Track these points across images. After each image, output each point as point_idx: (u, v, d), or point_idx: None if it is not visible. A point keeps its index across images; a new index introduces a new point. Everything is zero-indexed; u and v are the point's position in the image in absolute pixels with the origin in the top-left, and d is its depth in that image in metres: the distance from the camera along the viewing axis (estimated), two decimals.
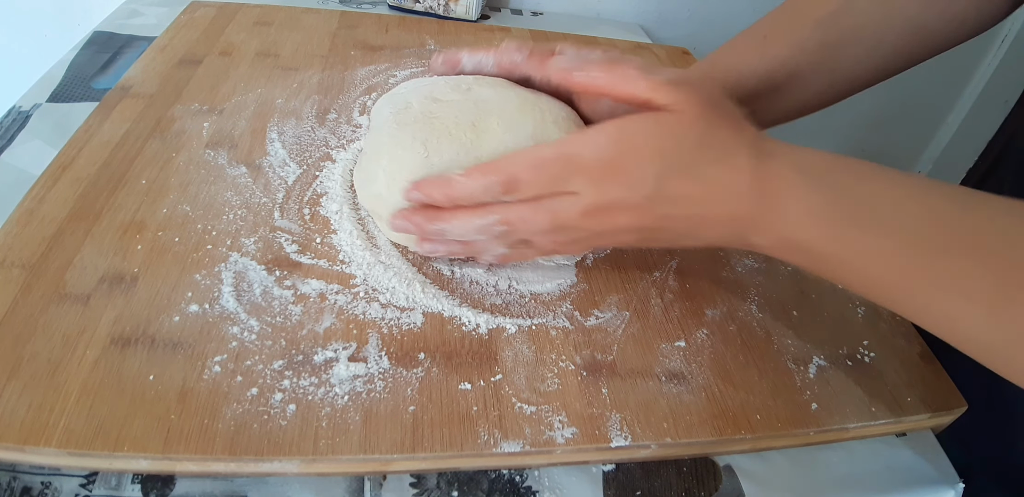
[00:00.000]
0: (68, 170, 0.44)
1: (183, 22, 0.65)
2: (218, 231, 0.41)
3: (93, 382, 0.32)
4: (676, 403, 0.37)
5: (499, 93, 0.41)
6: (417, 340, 0.37)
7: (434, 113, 0.40)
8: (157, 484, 0.31)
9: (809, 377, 0.40)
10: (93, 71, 0.59)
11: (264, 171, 0.47)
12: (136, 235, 0.40)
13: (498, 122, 0.39)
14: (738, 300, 0.44)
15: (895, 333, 0.44)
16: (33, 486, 0.30)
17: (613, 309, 0.41)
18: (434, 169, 0.38)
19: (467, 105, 0.40)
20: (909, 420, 0.39)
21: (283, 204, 0.44)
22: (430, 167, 0.38)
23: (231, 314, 0.36)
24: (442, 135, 0.38)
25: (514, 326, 0.39)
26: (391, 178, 0.39)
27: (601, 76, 0.35)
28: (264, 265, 0.40)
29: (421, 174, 0.38)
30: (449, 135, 0.38)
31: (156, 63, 0.57)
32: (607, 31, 0.85)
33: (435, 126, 0.39)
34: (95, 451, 0.29)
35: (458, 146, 0.38)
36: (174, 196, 0.43)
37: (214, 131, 0.50)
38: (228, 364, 0.34)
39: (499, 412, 0.34)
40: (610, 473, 0.35)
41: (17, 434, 0.29)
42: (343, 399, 0.33)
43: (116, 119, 0.49)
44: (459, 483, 0.34)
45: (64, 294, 0.36)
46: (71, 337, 0.34)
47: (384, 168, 0.39)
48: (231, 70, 0.58)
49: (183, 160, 0.47)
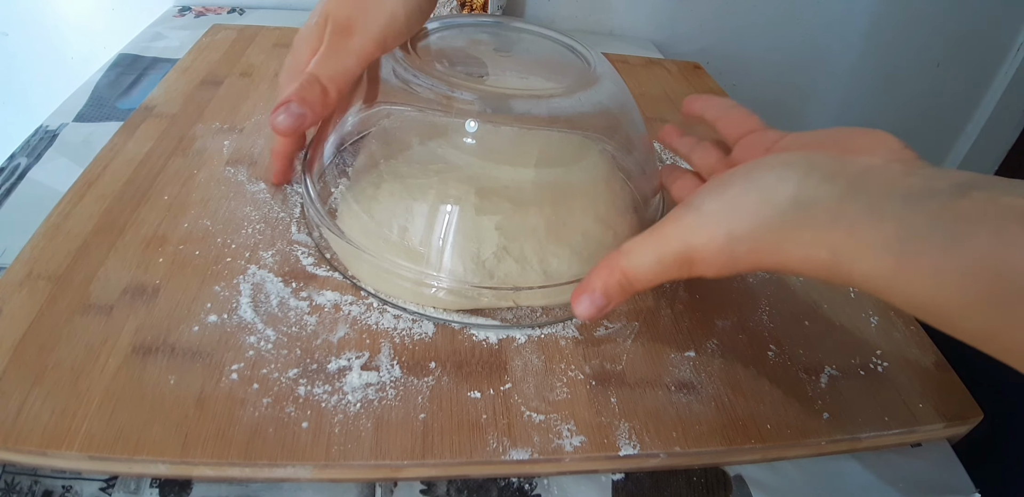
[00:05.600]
0: (93, 186, 0.46)
1: (205, 44, 0.67)
2: (237, 244, 0.43)
3: (114, 389, 0.33)
4: (685, 412, 0.37)
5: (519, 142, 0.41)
6: (428, 349, 0.38)
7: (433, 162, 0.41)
8: (175, 489, 0.32)
9: (821, 387, 0.40)
10: (118, 92, 0.61)
11: (282, 187, 0.48)
12: (158, 248, 0.41)
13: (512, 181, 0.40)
14: (749, 310, 0.44)
15: (909, 342, 0.44)
16: (54, 490, 0.31)
17: (623, 319, 0.42)
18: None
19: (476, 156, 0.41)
20: (923, 430, 0.39)
21: (300, 219, 0.46)
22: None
23: (248, 324, 0.37)
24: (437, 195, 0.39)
25: (524, 336, 0.40)
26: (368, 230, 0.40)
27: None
28: (281, 277, 0.41)
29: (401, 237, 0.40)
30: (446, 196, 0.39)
31: (179, 84, 0.59)
32: (619, 47, 0.86)
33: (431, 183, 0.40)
34: (115, 455, 0.30)
35: (455, 211, 0.39)
36: (195, 211, 0.45)
37: (234, 149, 0.51)
38: (245, 372, 0.35)
39: (508, 420, 0.35)
40: (619, 482, 0.35)
41: (40, 438, 0.30)
42: (355, 407, 0.34)
43: (140, 138, 0.51)
44: (468, 491, 0.34)
45: (88, 305, 0.37)
46: (94, 346, 0.35)
47: (362, 226, 0.41)
48: (251, 90, 0.60)
49: (204, 177, 0.48)
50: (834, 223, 0.25)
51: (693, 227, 0.28)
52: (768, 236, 0.26)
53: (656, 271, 0.30)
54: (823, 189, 0.26)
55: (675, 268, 0.29)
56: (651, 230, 0.30)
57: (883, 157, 0.29)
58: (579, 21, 0.93)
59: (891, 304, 0.25)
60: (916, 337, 0.44)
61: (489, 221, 0.41)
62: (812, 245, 0.25)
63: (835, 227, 0.25)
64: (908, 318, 0.46)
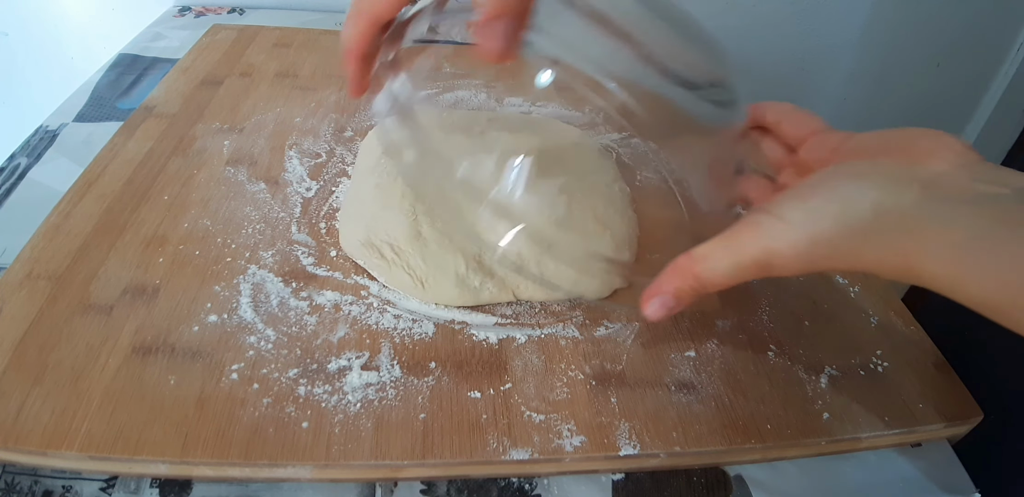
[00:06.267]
0: (93, 186, 0.46)
1: (205, 44, 0.67)
2: (237, 245, 0.43)
3: (115, 389, 0.33)
4: (686, 412, 0.37)
5: (519, 139, 0.39)
6: (428, 349, 0.38)
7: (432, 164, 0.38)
8: (175, 489, 0.32)
9: (821, 387, 0.40)
10: (118, 92, 0.61)
11: (282, 187, 0.48)
12: (158, 248, 0.41)
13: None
14: (749, 310, 0.44)
15: (909, 342, 0.44)
16: (54, 490, 0.31)
17: (623, 319, 0.42)
18: (423, 237, 0.38)
19: (476, 155, 0.39)
20: (923, 430, 0.39)
21: (300, 219, 0.46)
22: (416, 236, 0.38)
23: (249, 324, 0.37)
24: (437, 196, 0.37)
25: (524, 336, 0.40)
26: (371, 234, 0.39)
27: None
28: (281, 277, 0.41)
29: (404, 239, 0.38)
30: (446, 196, 0.37)
31: (179, 84, 0.59)
32: None
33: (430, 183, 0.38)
34: (115, 455, 0.30)
35: (455, 210, 0.37)
36: (195, 211, 0.45)
37: (234, 149, 0.51)
38: (245, 372, 0.35)
39: (508, 420, 0.35)
40: (619, 482, 0.35)
41: (40, 438, 0.30)
42: (355, 407, 0.34)
43: (140, 138, 0.51)
44: (469, 491, 0.34)
45: (88, 305, 0.37)
46: (94, 346, 0.35)
47: (366, 225, 0.40)
48: (251, 90, 0.60)
49: (204, 177, 0.48)
50: (907, 229, 0.27)
51: (774, 234, 0.30)
52: (847, 242, 0.29)
53: (731, 275, 0.31)
54: (897, 198, 0.28)
55: (752, 272, 0.31)
56: (725, 236, 0.31)
57: (950, 161, 0.30)
58: None
59: (962, 303, 0.27)
60: (916, 337, 0.44)
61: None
62: (887, 249, 0.28)
63: (908, 233, 0.27)
64: (908, 318, 0.46)
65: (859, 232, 0.29)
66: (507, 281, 0.41)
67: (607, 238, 0.44)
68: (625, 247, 0.44)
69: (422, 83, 0.38)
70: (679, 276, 0.32)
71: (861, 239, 0.29)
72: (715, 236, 0.32)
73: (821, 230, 0.29)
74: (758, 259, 0.30)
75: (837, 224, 0.29)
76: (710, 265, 0.31)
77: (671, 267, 0.33)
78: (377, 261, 0.41)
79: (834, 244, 0.29)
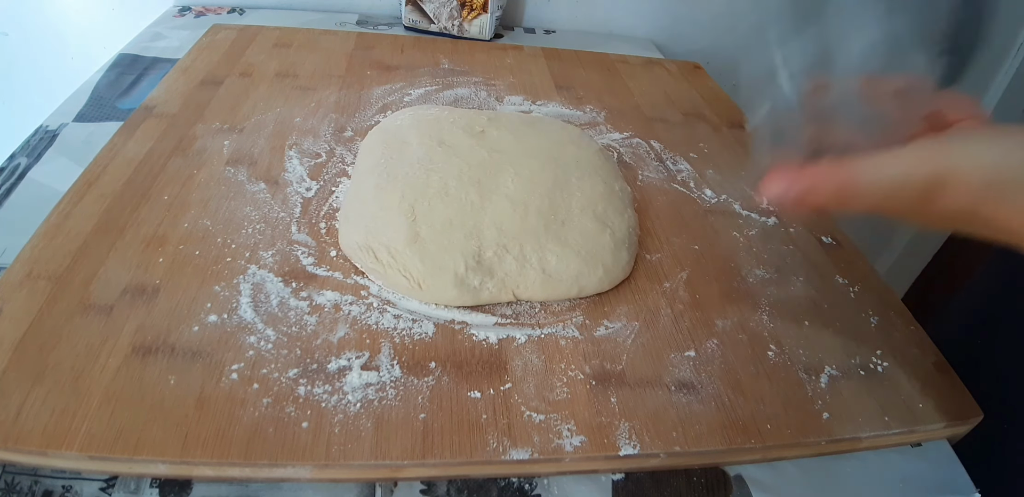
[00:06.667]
0: (93, 186, 0.46)
1: (205, 44, 0.67)
2: (237, 245, 0.43)
3: (115, 389, 0.33)
4: (686, 412, 0.37)
5: (520, 140, 0.39)
6: (428, 349, 0.38)
7: (433, 162, 0.37)
8: (175, 489, 0.32)
9: (821, 387, 0.40)
10: (118, 92, 0.61)
11: (282, 187, 0.48)
12: (158, 248, 0.41)
13: (513, 179, 0.37)
14: (749, 310, 0.44)
15: (909, 342, 0.44)
16: (54, 490, 0.31)
17: (623, 319, 0.42)
18: (422, 238, 0.38)
19: (477, 154, 0.38)
20: (923, 430, 0.39)
21: (300, 218, 0.46)
22: (415, 237, 0.38)
23: (249, 324, 0.37)
24: (437, 195, 0.36)
25: (524, 336, 0.40)
26: (370, 236, 0.39)
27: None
28: (281, 277, 0.41)
29: (402, 240, 0.38)
30: (446, 196, 0.36)
31: (179, 84, 0.59)
32: (619, 47, 0.86)
33: (431, 183, 0.37)
34: (115, 455, 0.30)
35: (455, 209, 0.36)
36: (195, 211, 0.45)
37: (234, 149, 0.51)
38: (245, 372, 0.35)
39: (508, 420, 0.35)
40: (619, 482, 0.35)
41: (40, 438, 0.30)
42: (355, 407, 0.34)
43: (140, 138, 0.51)
44: (469, 491, 0.34)
45: (88, 305, 0.37)
46: (94, 346, 0.35)
47: (365, 226, 0.40)
48: (251, 90, 0.60)
49: (204, 177, 0.48)
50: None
51: (966, 152, 0.28)
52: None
53: (887, 190, 0.28)
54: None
55: (916, 189, 0.28)
56: (894, 152, 0.29)
57: None
58: (579, 21, 0.93)
59: None
60: (916, 337, 0.44)
61: (490, 220, 0.41)
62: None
63: None
64: (908, 318, 0.46)
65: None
66: (507, 281, 0.41)
67: (607, 237, 0.44)
68: (625, 247, 0.45)
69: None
70: (824, 176, 0.29)
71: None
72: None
73: (1010, 165, 0.27)
74: (933, 175, 0.28)
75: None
76: (869, 173, 0.28)
77: (814, 166, 0.29)
78: (373, 265, 0.41)
79: (1019, 183, 0.27)
